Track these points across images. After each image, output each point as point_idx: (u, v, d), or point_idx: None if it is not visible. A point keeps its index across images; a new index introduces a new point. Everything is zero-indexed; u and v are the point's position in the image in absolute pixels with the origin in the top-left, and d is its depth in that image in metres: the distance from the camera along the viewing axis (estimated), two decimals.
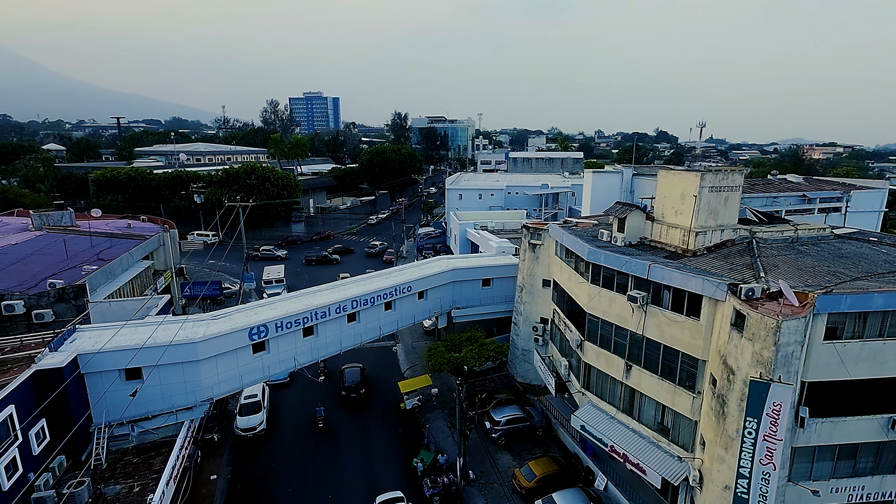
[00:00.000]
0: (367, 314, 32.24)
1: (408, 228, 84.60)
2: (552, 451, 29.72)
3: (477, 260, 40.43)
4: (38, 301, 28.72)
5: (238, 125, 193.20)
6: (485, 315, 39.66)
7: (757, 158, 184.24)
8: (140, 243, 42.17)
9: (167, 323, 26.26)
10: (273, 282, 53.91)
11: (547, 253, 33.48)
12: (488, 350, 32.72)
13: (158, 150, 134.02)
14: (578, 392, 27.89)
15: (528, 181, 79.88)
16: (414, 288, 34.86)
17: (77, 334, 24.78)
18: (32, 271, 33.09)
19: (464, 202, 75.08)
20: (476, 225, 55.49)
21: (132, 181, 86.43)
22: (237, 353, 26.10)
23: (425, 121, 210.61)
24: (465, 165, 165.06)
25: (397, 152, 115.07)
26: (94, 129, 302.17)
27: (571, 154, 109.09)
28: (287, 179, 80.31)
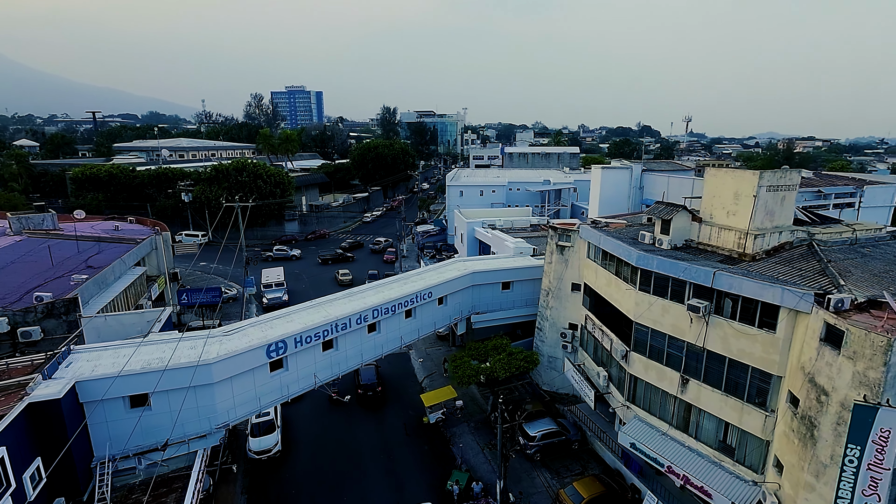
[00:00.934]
0: (387, 323, 29.87)
1: (405, 226, 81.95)
2: (591, 467, 27.85)
3: (496, 262, 38.25)
4: (24, 317, 25.59)
5: (220, 120, 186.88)
6: (505, 320, 37.59)
7: (746, 153, 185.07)
8: (132, 248, 38.94)
9: (174, 341, 23.48)
10: (273, 285, 50.94)
11: (577, 255, 31.50)
12: (518, 359, 30.66)
13: (139, 145, 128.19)
14: (622, 406, 26.01)
15: (530, 177, 77.95)
16: (435, 294, 32.57)
17: (73, 357, 21.91)
18: (14, 282, 29.80)
19: (464, 199, 72.77)
20: (484, 224, 53.27)
21: (114, 179, 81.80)
22: (254, 372, 23.52)
23: (414, 115, 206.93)
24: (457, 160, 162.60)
25: (390, 147, 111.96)
26: (67, 124, 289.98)
27: (567, 149, 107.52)
28: (280, 177, 76.83)
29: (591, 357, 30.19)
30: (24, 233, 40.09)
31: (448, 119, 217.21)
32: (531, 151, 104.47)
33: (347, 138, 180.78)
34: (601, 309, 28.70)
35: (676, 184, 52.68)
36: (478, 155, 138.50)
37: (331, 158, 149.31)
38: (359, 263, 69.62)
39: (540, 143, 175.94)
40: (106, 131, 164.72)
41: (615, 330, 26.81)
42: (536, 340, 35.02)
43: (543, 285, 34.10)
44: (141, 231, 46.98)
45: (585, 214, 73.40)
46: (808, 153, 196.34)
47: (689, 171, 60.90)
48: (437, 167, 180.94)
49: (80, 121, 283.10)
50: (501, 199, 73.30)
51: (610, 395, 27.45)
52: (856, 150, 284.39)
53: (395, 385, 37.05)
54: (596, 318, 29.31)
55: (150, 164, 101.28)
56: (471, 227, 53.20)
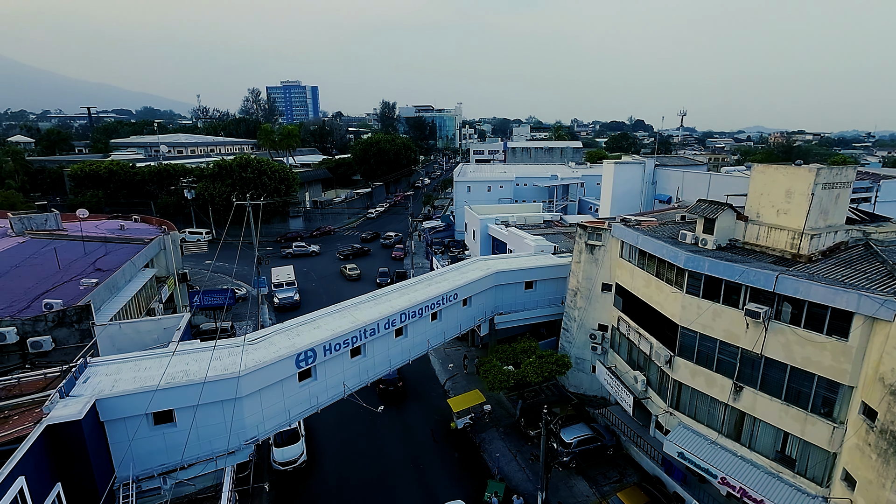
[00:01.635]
0: (414, 327, 28.30)
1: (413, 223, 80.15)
2: (629, 474, 26.56)
3: (518, 261, 36.70)
4: (34, 326, 23.71)
5: (217, 115, 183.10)
6: (528, 320, 36.17)
7: (743, 147, 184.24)
8: (141, 249, 36.95)
9: (197, 351, 21.79)
10: (284, 284, 49.12)
11: (609, 255, 30.02)
12: (549, 363, 29.21)
13: (137, 141, 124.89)
14: (664, 412, 24.65)
15: (536, 172, 76.34)
16: (460, 295, 31.00)
17: (90, 370, 20.15)
18: (21, 288, 27.83)
19: (472, 195, 71.06)
20: (497, 221, 51.68)
21: (114, 176, 79.18)
22: (283, 384, 21.89)
23: (412, 110, 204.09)
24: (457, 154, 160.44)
25: (392, 143, 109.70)
26: (62, 120, 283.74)
27: (570, 144, 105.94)
28: (284, 173, 74.63)
29: (625, 360, 28.81)
30: (26, 234, 37.95)
31: (446, 114, 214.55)
32: (534, 146, 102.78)
33: (346, 133, 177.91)
34: (637, 311, 27.28)
35: (692, 179, 51.36)
36: (478, 150, 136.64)
37: (330, 154, 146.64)
38: (369, 258, 67.90)
39: (537, 138, 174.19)
40: (102, 127, 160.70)
41: (655, 333, 25.42)
42: (563, 341, 33.61)
43: (571, 285, 32.63)
44: (147, 230, 44.95)
45: (594, 210, 72.00)
46: (803, 147, 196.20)
47: (701, 165, 59.62)
48: (437, 162, 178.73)
49: (75, 116, 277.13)
50: (509, 194, 71.72)
51: (649, 401, 26.09)
52: (844, 143, 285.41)
53: (417, 387, 35.58)
54: (631, 320, 27.89)
55: (150, 161, 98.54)
56: (484, 224, 51.59)
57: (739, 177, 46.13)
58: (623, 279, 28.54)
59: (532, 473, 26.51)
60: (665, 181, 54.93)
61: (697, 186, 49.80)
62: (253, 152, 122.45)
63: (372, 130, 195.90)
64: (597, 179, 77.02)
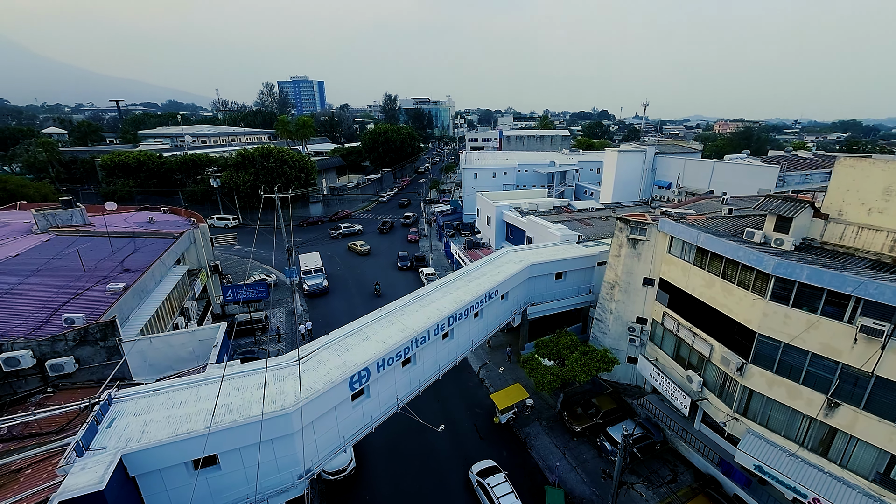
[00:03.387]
0: (459, 328, 23.05)
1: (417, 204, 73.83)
2: (681, 472, 22.28)
3: (549, 252, 31.33)
4: (52, 347, 17.89)
5: (235, 107, 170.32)
6: (558, 309, 31.19)
7: (703, 134, 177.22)
8: (171, 244, 30.67)
9: (240, 376, 16.25)
10: (312, 271, 43.20)
11: (653, 250, 24.74)
12: (595, 359, 24.32)
13: (163, 132, 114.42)
14: (729, 417, 20.02)
15: (535, 159, 70.03)
16: (500, 291, 25.74)
17: (115, 408, 14.57)
18: (41, 297, 21.70)
19: (478, 181, 64.83)
20: (511, 208, 45.94)
21: (142, 165, 70.88)
22: (336, 409, 16.60)
23: (411, 102, 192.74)
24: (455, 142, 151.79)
25: (398, 132, 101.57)
26: (93, 113, 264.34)
27: (559, 132, 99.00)
28: (303, 162, 67.18)
29: (670, 356, 24.01)
30: (51, 231, 31.27)
31: (441, 105, 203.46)
32: (526, 134, 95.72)
33: (353, 123, 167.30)
34: (691, 310, 22.27)
35: (694, 167, 45.88)
36: (473, 138, 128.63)
37: (339, 142, 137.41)
38: (383, 237, 61.95)
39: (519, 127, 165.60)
40: (130, 119, 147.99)
41: (718, 336, 20.50)
42: (595, 331, 28.74)
43: (608, 277, 27.45)
44: (177, 223, 38.36)
45: (591, 195, 66.44)
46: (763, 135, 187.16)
47: (696, 152, 54.06)
48: (435, 149, 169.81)
49: (105, 109, 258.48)
50: (512, 180, 65.59)
51: (705, 402, 21.44)
52: (777, 129, 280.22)
53: (453, 378, 30.61)
54: (681, 318, 22.92)
55: (176, 150, 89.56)
56: (499, 211, 45.80)
57: (744, 165, 40.75)
58: (672, 276, 23.38)
59: (585, 474, 22.06)
60: (664, 168, 49.42)
61: (699, 174, 44.50)
62: (270, 141, 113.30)
63: (375, 121, 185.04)
64: (590, 165, 71.29)
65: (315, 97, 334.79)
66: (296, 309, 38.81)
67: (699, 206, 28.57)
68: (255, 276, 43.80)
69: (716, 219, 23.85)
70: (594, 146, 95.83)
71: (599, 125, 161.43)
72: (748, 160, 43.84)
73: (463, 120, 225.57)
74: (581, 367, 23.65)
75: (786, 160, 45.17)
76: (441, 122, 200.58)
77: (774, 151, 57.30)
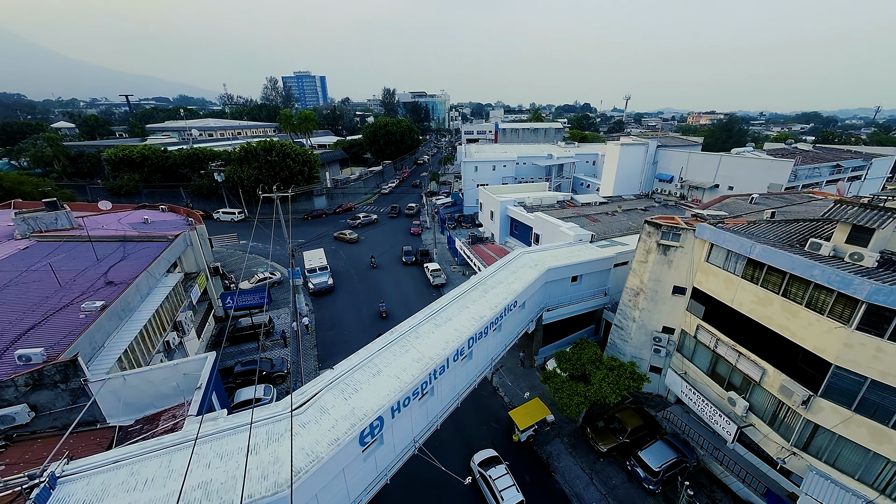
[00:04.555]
0: (479, 347, 18.80)
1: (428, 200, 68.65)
2: (718, 498, 18.62)
3: (564, 254, 26.97)
4: (0, 394, 13.36)
5: (241, 101, 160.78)
6: (573, 313, 27.04)
7: (685, 126, 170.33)
8: (164, 248, 25.80)
9: (222, 435, 11.89)
10: (317, 269, 38.50)
11: (687, 258, 20.43)
12: (624, 377, 20.30)
13: (171, 126, 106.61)
14: (785, 451, 16.18)
15: (532, 151, 64.71)
16: (519, 301, 21.47)
17: (61, 491, 10.18)
18: (1, 322, 16.98)
19: (479, 174, 59.68)
20: (516, 203, 41.25)
21: (146, 160, 64.56)
22: (344, 470, 12.37)
23: (409, 95, 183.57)
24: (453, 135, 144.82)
25: (398, 125, 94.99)
26: (107, 107, 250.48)
27: (552, 124, 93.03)
28: (306, 155, 61.32)
29: (705, 372, 20.08)
30: (32, 236, 26.15)
31: (437, 99, 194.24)
32: (521, 127, 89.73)
33: (354, 117, 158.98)
34: (734, 326, 18.19)
35: (698, 160, 41.22)
36: (468, 130, 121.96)
37: (341, 135, 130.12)
38: (379, 227, 57.14)
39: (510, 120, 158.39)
40: (140, 113, 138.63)
41: (769, 358, 16.47)
42: (615, 338, 24.71)
43: (631, 283, 23.20)
44: (174, 222, 33.28)
45: (588, 186, 61.67)
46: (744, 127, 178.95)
47: (696, 145, 49.30)
48: (432, 141, 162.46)
49: (119, 104, 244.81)
50: (511, 172, 60.51)
51: (753, 429, 17.59)
52: (745, 122, 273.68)
53: None
54: (721, 334, 18.85)
55: (183, 144, 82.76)
56: (504, 206, 41.09)
57: (753, 159, 36.23)
58: (712, 288, 19.17)
59: (616, 502, 18.32)
60: (666, 161, 44.77)
61: (704, 167, 39.95)
62: (275, 135, 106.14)
63: (374, 114, 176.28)
64: (585, 158, 66.18)
65: (318, 92, 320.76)
66: (299, 310, 34.31)
67: (726, 205, 24.17)
68: (260, 273, 39.06)
69: (758, 224, 19.49)
70: (587, 139, 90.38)
71: (586, 117, 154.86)
72: (755, 154, 39.35)
73: (457, 113, 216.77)
74: (611, 388, 19.65)
75: (789, 153, 40.68)
76: (437, 116, 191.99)
77: (772, 144, 52.73)
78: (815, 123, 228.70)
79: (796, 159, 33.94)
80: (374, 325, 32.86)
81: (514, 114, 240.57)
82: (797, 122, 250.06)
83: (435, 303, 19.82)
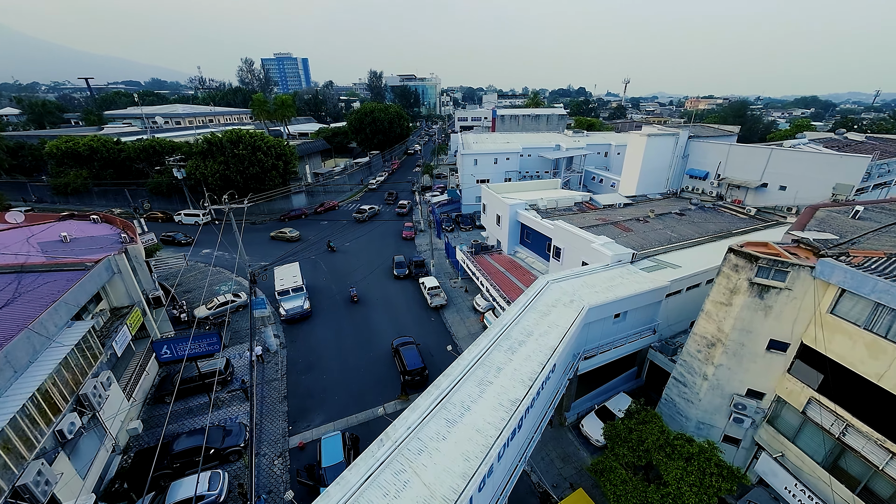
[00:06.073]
0: (509, 449, 12.99)
1: (420, 197, 62.07)
2: None
3: (605, 282, 21.13)
4: None
5: (214, 85, 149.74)
6: (614, 357, 21.44)
7: (688, 112, 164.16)
8: (77, 280, 19.30)
9: None
10: (290, 291, 32.03)
11: (795, 304, 14.77)
12: (710, 473, 14.70)
13: (132, 113, 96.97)
14: None
15: (539, 142, 58.46)
16: (558, 363, 15.68)
17: None
18: None
19: (479, 168, 53.36)
20: (527, 206, 35.24)
21: (95, 153, 56.51)
22: None
23: (397, 79, 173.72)
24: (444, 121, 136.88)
25: (385, 111, 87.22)
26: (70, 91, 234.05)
27: (555, 110, 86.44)
28: (281, 147, 54.01)
29: (819, 463, 14.68)
30: None
31: (427, 83, 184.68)
32: (521, 113, 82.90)
33: (338, 102, 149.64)
34: (874, 408, 12.68)
35: (742, 154, 35.50)
36: (462, 116, 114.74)
37: (325, 122, 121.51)
38: (378, 229, 50.68)
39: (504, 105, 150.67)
40: (100, 98, 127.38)
41: None
42: (674, 395, 19.25)
43: (704, 330, 17.58)
44: (103, 239, 26.56)
45: (602, 182, 55.84)
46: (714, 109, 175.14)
47: (731, 135, 43.62)
48: (423, 128, 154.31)
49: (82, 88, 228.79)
50: (515, 166, 54.31)
51: None
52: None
53: None
54: (854, 418, 13.37)
55: (143, 134, 74.26)
56: (513, 211, 35.04)
57: (814, 152, 30.61)
58: (840, 351, 13.64)
59: None
60: (700, 155, 39.04)
61: (749, 163, 34.33)
62: (251, 123, 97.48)
63: (361, 99, 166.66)
64: (596, 149, 60.23)
65: (300, 75, 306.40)
66: (269, 345, 28.07)
67: (825, 222, 18.51)
68: (221, 295, 32.57)
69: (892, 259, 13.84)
70: (595, 126, 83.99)
71: (586, 102, 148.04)
72: (810, 146, 33.87)
73: (449, 98, 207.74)
74: (690, 489, 14.10)
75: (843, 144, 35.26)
76: (428, 101, 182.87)
77: (814, 134, 47.31)
78: (815, 108, 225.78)
79: (874, 153, 28.54)
80: (361, 361, 26.94)
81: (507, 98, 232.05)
82: (796, 107, 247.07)
83: (444, 377, 13.86)
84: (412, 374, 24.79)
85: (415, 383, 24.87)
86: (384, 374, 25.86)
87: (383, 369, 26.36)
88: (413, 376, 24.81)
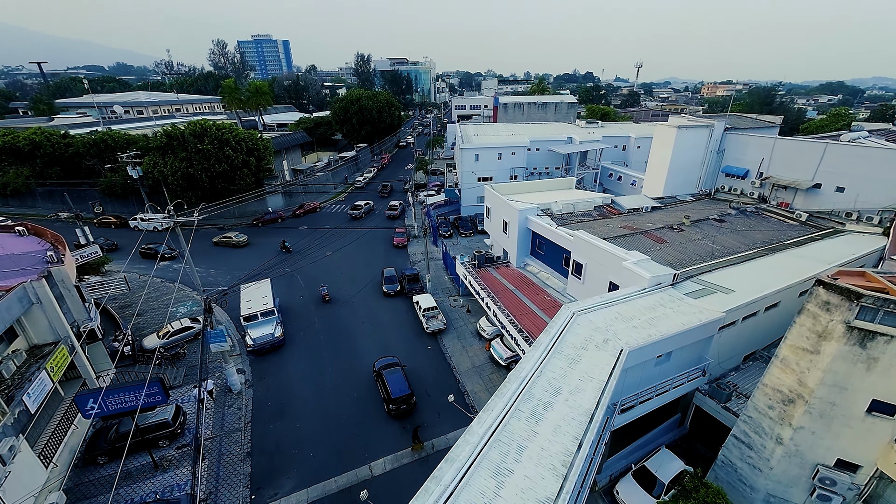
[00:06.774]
0: None
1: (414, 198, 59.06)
2: None
3: (645, 314, 18.39)
4: None
5: (184, 70, 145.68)
6: (655, 406, 18.72)
7: (714, 98, 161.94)
8: None
9: None
10: (258, 315, 28.99)
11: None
12: None
13: (87, 101, 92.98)
14: None
15: (547, 133, 55.71)
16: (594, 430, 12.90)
17: None
18: None
19: (480, 164, 50.56)
20: (539, 210, 32.48)
21: (38, 148, 53.05)
22: None
23: (387, 63, 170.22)
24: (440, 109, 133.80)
25: (374, 99, 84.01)
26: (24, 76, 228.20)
27: (565, 98, 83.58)
28: (254, 141, 50.84)
29: None
30: None
31: (421, 67, 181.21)
32: (527, 101, 80.00)
33: (322, 88, 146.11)
34: None
35: (789, 149, 32.88)
36: (459, 104, 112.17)
37: (307, 110, 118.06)
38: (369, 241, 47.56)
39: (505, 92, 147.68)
40: (53, 84, 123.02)
41: None
42: (735, 458, 16.57)
43: (778, 382, 14.89)
44: (31, 257, 23.52)
45: (621, 180, 53.15)
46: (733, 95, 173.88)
47: (773, 127, 41.04)
48: (416, 118, 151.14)
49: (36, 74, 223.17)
50: (522, 162, 51.54)
51: None
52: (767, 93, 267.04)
53: None
54: None
55: (108, 124, 70.65)
56: (523, 217, 32.27)
57: (878, 148, 28.04)
58: None
59: None
60: (738, 150, 36.42)
61: (799, 159, 31.73)
62: (224, 113, 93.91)
63: (347, 85, 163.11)
64: (613, 142, 57.58)
65: (280, 58, 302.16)
66: (231, 385, 25.05)
67: None
68: (177, 322, 29.50)
69: None
70: (610, 116, 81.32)
71: (596, 88, 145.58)
72: (871, 140, 31.34)
73: (444, 84, 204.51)
74: None
75: None
76: (421, 87, 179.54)
77: (864, 124, 44.97)
78: (842, 94, 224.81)
79: None
80: (344, 402, 24.05)
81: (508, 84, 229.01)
82: (822, 93, 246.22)
83: (446, 462, 11.00)
84: (397, 402, 22.73)
85: (400, 412, 22.85)
86: (372, 420, 22.98)
87: (371, 411, 23.51)
88: (398, 405, 22.76)
